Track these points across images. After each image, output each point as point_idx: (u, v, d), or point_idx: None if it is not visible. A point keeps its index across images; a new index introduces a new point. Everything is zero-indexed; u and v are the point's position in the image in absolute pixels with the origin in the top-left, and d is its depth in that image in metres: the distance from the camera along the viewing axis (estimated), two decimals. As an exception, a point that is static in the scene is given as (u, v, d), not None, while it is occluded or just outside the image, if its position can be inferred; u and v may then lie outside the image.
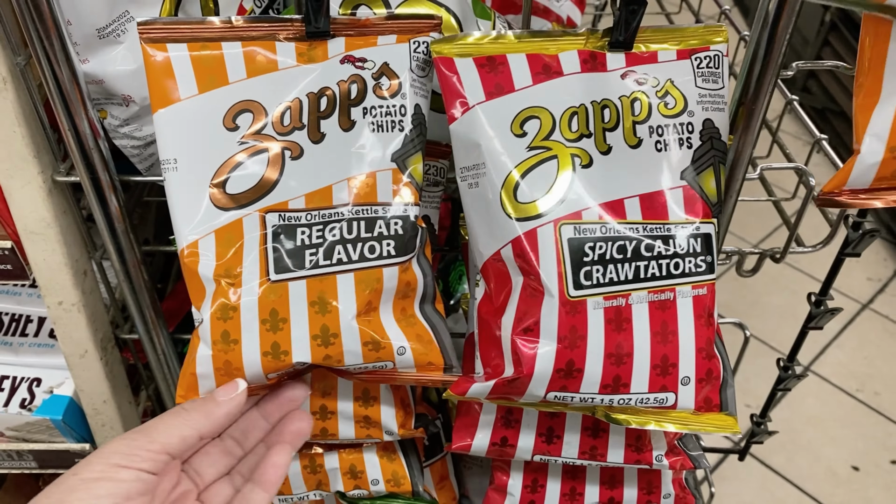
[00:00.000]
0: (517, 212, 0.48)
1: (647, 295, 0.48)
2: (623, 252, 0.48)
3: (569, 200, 0.48)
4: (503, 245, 0.49)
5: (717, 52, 0.51)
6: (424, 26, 0.52)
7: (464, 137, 0.49)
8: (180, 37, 0.50)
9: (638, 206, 0.49)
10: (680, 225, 0.49)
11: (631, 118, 0.50)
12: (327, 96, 0.51)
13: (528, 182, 0.48)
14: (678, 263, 0.49)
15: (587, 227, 0.48)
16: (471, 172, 0.50)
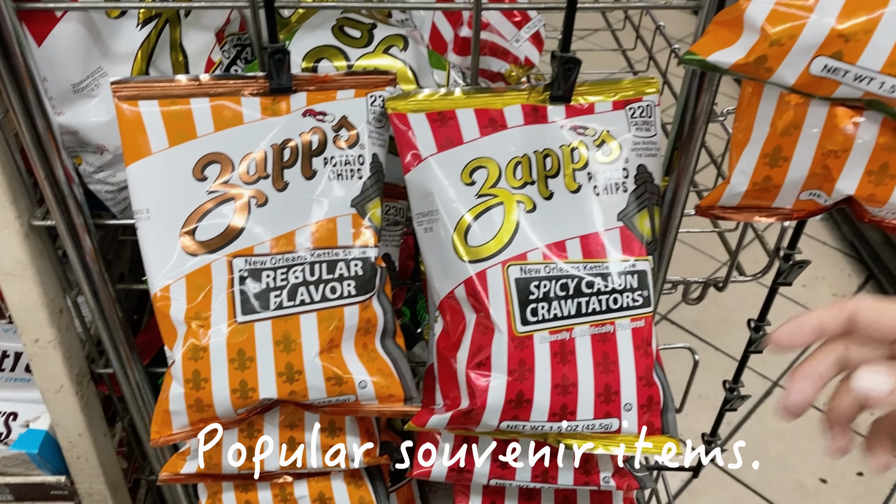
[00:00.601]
0: (468, 254, 0.52)
1: (589, 328, 0.52)
2: (566, 289, 0.52)
3: (515, 243, 0.52)
4: (457, 285, 0.53)
5: (650, 102, 0.56)
6: (380, 81, 0.56)
7: (418, 186, 0.53)
8: (151, 94, 0.54)
9: (579, 247, 0.53)
10: (617, 263, 0.53)
11: (571, 165, 0.54)
12: (290, 147, 0.55)
13: (477, 227, 0.52)
14: (616, 298, 0.53)
15: (532, 267, 0.52)
16: (425, 218, 0.54)
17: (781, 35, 0.41)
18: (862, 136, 0.47)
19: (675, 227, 0.63)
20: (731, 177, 0.51)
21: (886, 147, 0.47)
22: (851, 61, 0.41)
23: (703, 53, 0.44)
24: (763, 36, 0.41)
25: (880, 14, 0.40)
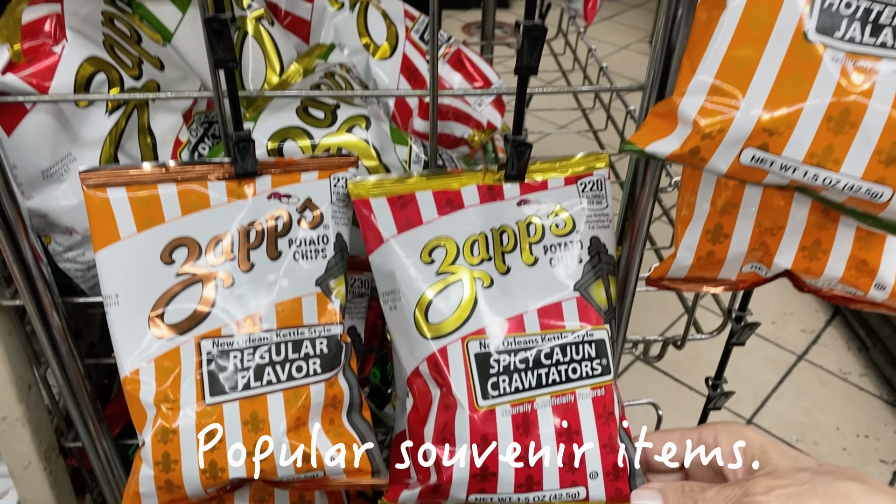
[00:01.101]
0: (430, 331, 0.54)
1: (550, 399, 0.54)
2: (525, 362, 0.54)
3: (473, 319, 0.54)
4: (420, 361, 0.54)
5: (600, 176, 0.59)
6: (343, 163, 0.59)
7: (381, 267, 0.55)
8: (119, 181, 0.55)
9: (536, 319, 0.55)
10: (574, 333, 0.56)
11: (527, 240, 0.56)
12: (256, 230, 0.56)
13: (438, 304, 0.54)
14: (575, 368, 0.55)
15: (491, 341, 0.54)
16: (389, 297, 0.56)
17: (712, 129, 0.44)
18: (794, 215, 0.50)
19: (631, 292, 0.66)
20: (677, 251, 0.54)
21: (817, 225, 0.50)
22: (777, 153, 0.44)
23: (642, 144, 0.47)
24: (695, 129, 0.45)
25: (800, 108, 0.43)
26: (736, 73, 0.44)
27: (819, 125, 0.43)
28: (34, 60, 0.56)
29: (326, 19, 0.90)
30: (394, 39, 0.92)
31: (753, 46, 0.43)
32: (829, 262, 0.51)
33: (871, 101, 0.42)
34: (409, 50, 0.93)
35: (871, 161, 0.43)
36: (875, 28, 0.43)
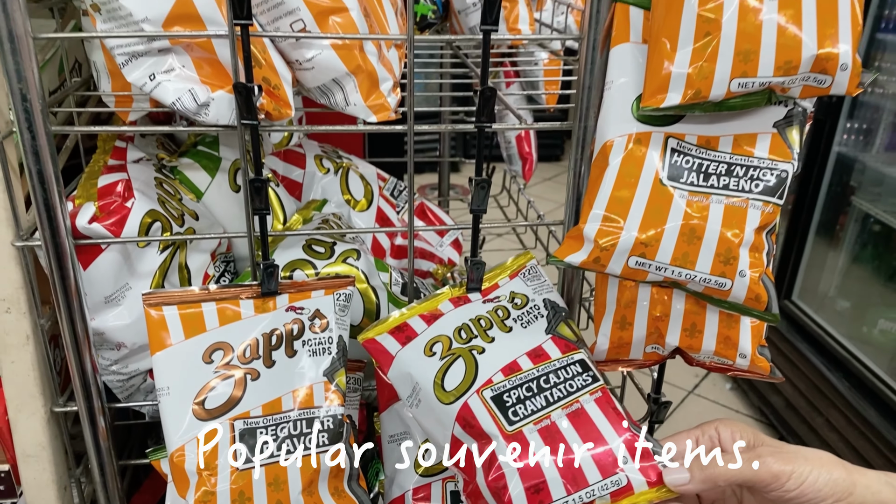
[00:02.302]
0: (449, 397, 0.68)
1: (562, 411, 0.66)
2: (531, 390, 0.67)
3: (479, 376, 0.67)
4: (453, 426, 0.67)
5: (531, 265, 0.78)
6: (343, 283, 0.77)
7: (399, 375, 0.71)
8: (172, 301, 0.72)
9: (528, 359, 0.69)
10: (560, 359, 0.69)
11: (499, 319, 0.74)
12: (276, 335, 0.73)
13: (448, 378, 0.69)
14: (571, 384, 0.68)
15: (499, 385, 0.67)
16: (412, 398, 0.70)
17: (606, 244, 0.64)
18: (675, 305, 0.69)
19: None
20: (596, 340, 0.73)
21: (692, 311, 0.69)
22: (652, 258, 0.64)
23: (562, 256, 0.67)
24: (596, 245, 0.65)
25: (662, 229, 0.64)
26: (618, 207, 0.65)
27: (677, 239, 0.64)
28: (112, 213, 0.75)
29: (315, 182, 1.12)
30: (370, 196, 1.14)
31: (628, 190, 0.65)
32: (704, 339, 0.70)
33: (707, 222, 0.63)
34: (383, 204, 1.15)
35: (714, 261, 0.63)
36: (706, 176, 0.65)
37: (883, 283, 2.30)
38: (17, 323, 0.76)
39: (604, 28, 0.70)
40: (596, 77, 0.72)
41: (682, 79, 0.60)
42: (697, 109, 0.63)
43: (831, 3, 0.59)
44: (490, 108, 0.69)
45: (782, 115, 0.65)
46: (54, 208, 0.70)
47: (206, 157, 0.92)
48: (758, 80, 0.60)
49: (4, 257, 0.74)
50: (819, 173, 2.40)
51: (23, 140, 0.66)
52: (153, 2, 0.65)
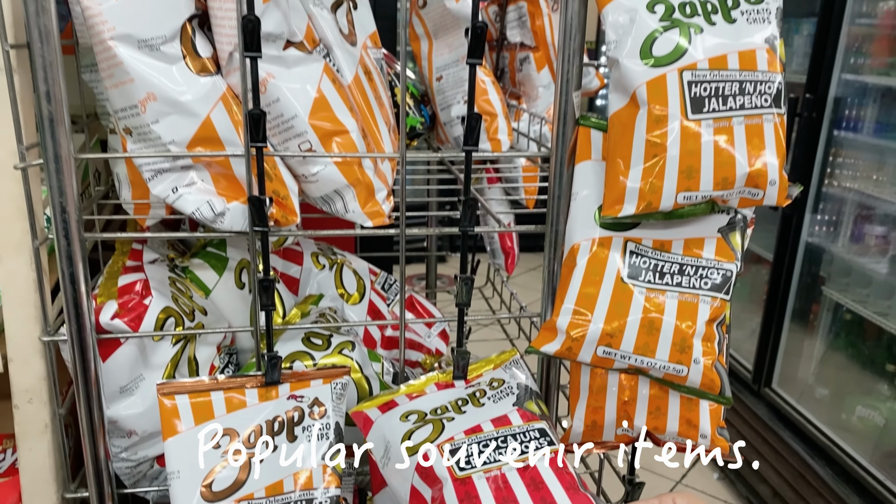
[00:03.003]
0: (411, 451, 0.73)
1: (513, 464, 0.70)
2: (487, 446, 0.72)
3: (444, 434, 0.74)
4: (412, 476, 0.72)
5: (514, 359, 0.86)
6: (340, 373, 0.84)
7: (375, 439, 0.78)
8: (184, 390, 0.79)
9: (490, 424, 0.75)
10: (522, 426, 0.74)
11: (475, 399, 0.81)
12: (279, 421, 0.80)
13: (416, 435, 0.75)
14: (527, 445, 0.72)
15: (458, 441, 0.73)
16: (384, 457, 0.77)
17: (576, 336, 0.73)
18: (640, 390, 0.77)
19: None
20: (572, 423, 0.80)
21: (656, 396, 0.77)
22: (617, 348, 0.72)
23: (538, 346, 0.75)
24: (567, 336, 0.73)
25: (625, 321, 0.72)
26: (586, 302, 0.73)
27: (638, 330, 0.72)
28: (131, 310, 0.82)
29: (311, 277, 1.20)
30: (362, 290, 1.22)
31: (594, 287, 0.73)
32: (668, 421, 0.77)
33: (664, 315, 0.72)
34: (374, 297, 1.23)
35: (672, 350, 0.72)
36: (660, 275, 0.74)
37: (858, 371, 2.38)
38: (37, 412, 0.82)
39: (569, 146, 0.81)
40: (564, 188, 0.82)
41: (636, 192, 0.71)
42: (650, 218, 0.73)
43: (758, 127, 0.70)
44: (472, 215, 0.79)
45: (725, 222, 0.75)
46: (82, 306, 0.77)
47: (215, 257, 1.00)
48: (700, 194, 0.70)
49: (31, 351, 0.81)
50: (790, 264, 2.52)
51: (59, 246, 0.75)
52: (179, 127, 0.76)
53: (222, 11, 0.75)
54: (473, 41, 0.75)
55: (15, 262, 0.79)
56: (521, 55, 1.62)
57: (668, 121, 0.69)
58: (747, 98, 0.70)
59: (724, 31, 0.72)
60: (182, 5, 0.74)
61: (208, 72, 0.76)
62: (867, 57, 2.34)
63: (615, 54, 0.72)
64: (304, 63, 0.80)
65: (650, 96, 0.70)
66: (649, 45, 0.71)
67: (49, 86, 0.70)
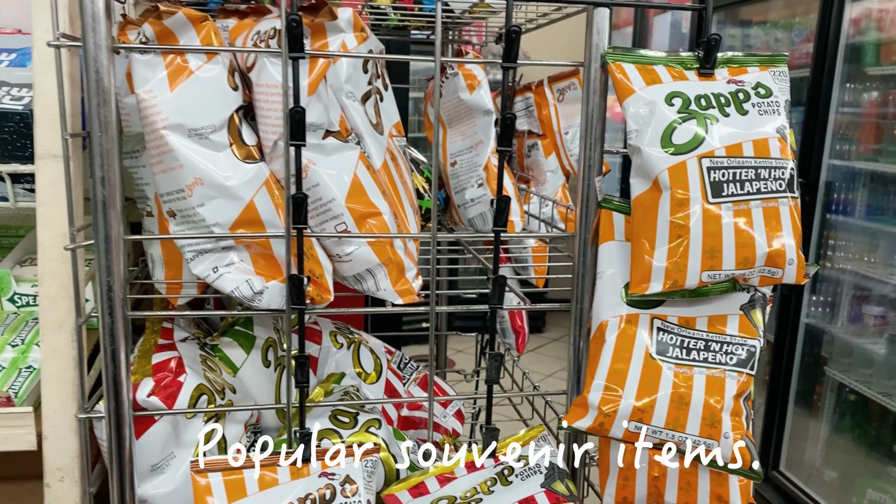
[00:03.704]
0: None
1: None
2: None
3: None
4: None
5: (543, 435, 0.86)
6: (370, 450, 0.85)
7: None
8: (216, 468, 0.80)
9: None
10: None
11: (503, 476, 0.81)
12: (311, 499, 0.80)
13: None
14: None
15: None
16: None
17: (608, 411, 0.75)
18: (670, 465, 0.78)
19: None
20: (602, 500, 0.81)
21: (686, 472, 0.78)
22: (648, 423, 0.74)
23: (570, 422, 0.77)
24: (599, 412, 0.75)
25: (655, 397, 0.74)
26: (617, 378, 0.76)
27: (668, 406, 0.74)
28: (167, 388, 0.84)
29: (330, 356, 1.22)
30: (379, 369, 1.23)
31: (624, 363, 0.76)
32: (699, 497, 0.78)
33: (693, 391, 0.74)
34: (391, 376, 1.25)
35: (702, 425, 0.73)
36: (687, 351, 0.77)
37: (866, 453, 2.37)
38: (69, 492, 0.83)
39: (592, 228, 0.85)
40: (588, 267, 0.86)
41: (662, 271, 0.74)
42: (676, 296, 0.76)
43: (774, 210, 0.74)
44: (502, 293, 0.82)
45: (746, 300, 0.79)
46: (121, 383, 0.79)
47: (243, 335, 1.02)
48: (723, 273, 0.74)
49: (66, 428, 0.82)
50: (791, 344, 2.54)
51: (103, 324, 0.77)
52: (224, 210, 0.79)
53: (269, 104, 0.80)
54: (503, 130, 0.80)
55: (57, 340, 0.81)
56: (530, 142, 1.69)
57: (690, 204, 0.74)
58: (762, 183, 0.75)
59: (737, 122, 0.77)
60: (231, 98, 0.79)
61: (253, 159, 0.80)
62: (854, 143, 2.44)
63: (637, 143, 0.77)
64: (341, 150, 0.85)
65: (672, 181, 0.74)
66: (669, 135, 0.76)
67: (105, 172, 0.74)
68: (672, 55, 0.81)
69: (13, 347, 0.93)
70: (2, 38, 1.00)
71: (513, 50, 0.78)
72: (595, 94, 0.83)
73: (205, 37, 0.78)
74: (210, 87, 0.78)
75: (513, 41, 0.77)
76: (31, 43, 0.78)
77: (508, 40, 0.77)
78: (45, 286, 0.81)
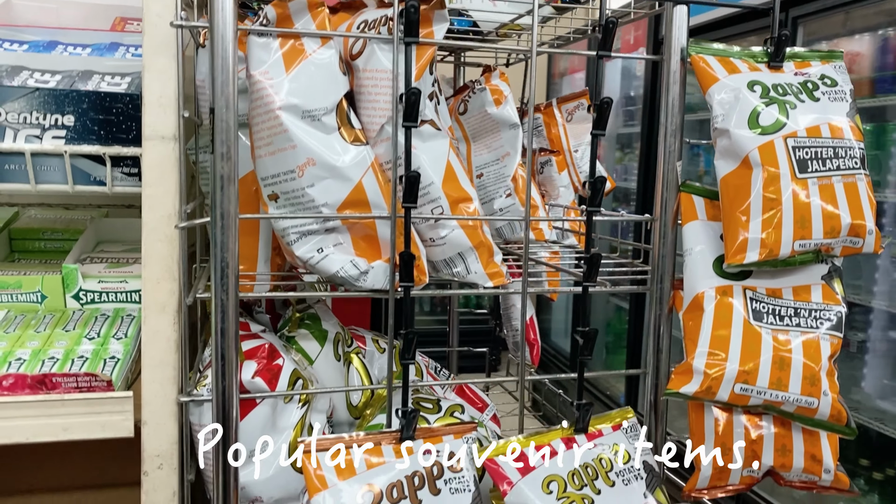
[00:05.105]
0: None
1: None
2: None
3: None
4: None
5: (633, 422, 0.89)
6: (469, 428, 0.86)
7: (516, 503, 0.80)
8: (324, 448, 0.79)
9: None
10: None
11: (603, 470, 0.84)
12: (418, 476, 0.81)
13: None
14: None
15: None
16: None
17: (715, 374, 0.79)
18: (766, 429, 0.82)
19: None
20: (700, 468, 0.84)
21: (781, 434, 0.82)
22: (753, 384, 0.78)
23: (676, 388, 0.80)
24: (705, 376, 0.79)
25: (758, 360, 0.79)
26: (720, 344, 0.80)
27: (771, 368, 0.79)
28: (269, 370, 0.84)
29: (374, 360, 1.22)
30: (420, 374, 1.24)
31: (725, 329, 0.80)
32: (794, 458, 0.82)
33: (792, 354, 0.79)
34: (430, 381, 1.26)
35: (804, 384, 0.78)
36: (780, 318, 0.82)
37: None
38: (167, 479, 0.81)
39: (673, 210, 0.90)
40: (668, 248, 0.91)
41: (758, 242, 0.79)
42: (768, 265, 0.81)
43: (853, 185, 0.81)
44: (596, 271, 0.86)
45: (826, 271, 0.85)
46: (230, 362, 0.78)
47: (317, 329, 1.03)
48: (813, 242, 0.79)
49: (166, 413, 0.80)
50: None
51: (216, 302, 0.77)
52: (333, 190, 0.81)
53: (377, 89, 0.83)
54: (599, 114, 0.85)
55: (159, 323, 0.80)
56: (543, 159, 1.76)
57: (781, 179, 0.80)
58: (841, 161, 0.82)
59: (812, 108, 0.84)
60: (341, 82, 0.82)
61: (360, 142, 0.83)
62: None
63: (724, 125, 0.83)
64: (435, 138, 0.88)
65: (763, 159, 0.80)
66: (755, 118, 0.82)
67: (227, 148, 0.75)
68: (744, 50, 0.88)
69: (90, 340, 0.90)
70: (74, 33, 1.00)
71: (608, 40, 0.83)
72: (675, 84, 0.89)
73: (320, 22, 0.80)
74: (323, 71, 0.80)
75: (609, 31, 0.83)
76: (142, 26, 0.79)
77: (605, 30, 0.83)
78: (149, 268, 0.80)
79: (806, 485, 0.85)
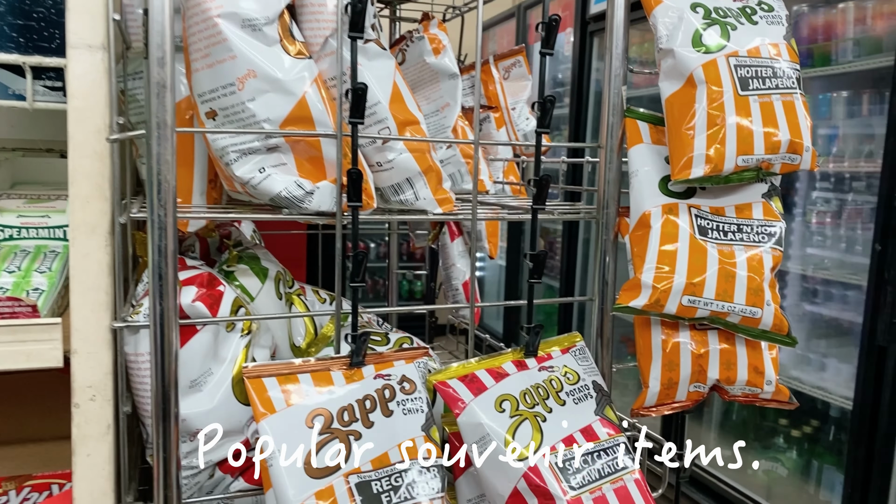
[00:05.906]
0: (520, 456, 0.75)
1: (610, 485, 0.75)
2: (586, 463, 0.76)
3: (545, 442, 0.77)
4: (517, 481, 0.74)
5: (580, 345, 0.90)
6: (419, 353, 0.85)
7: (469, 422, 0.78)
8: (270, 373, 0.76)
9: (582, 436, 0.79)
10: (609, 440, 0.79)
11: (554, 390, 0.84)
12: (370, 399, 0.78)
13: (517, 437, 0.77)
14: (616, 463, 0.78)
15: (561, 454, 0.76)
16: (480, 442, 0.77)
17: (663, 287, 0.79)
18: (711, 343, 0.84)
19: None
20: (647, 385, 0.85)
21: (725, 350, 0.84)
22: (699, 296, 0.79)
23: (624, 302, 0.81)
24: (654, 289, 0.80)
25: (704, 274, 0.80)
26: (667, 259, 0.81)
27: (717, 280, 0.80)
28: (211, 295, 0.80)
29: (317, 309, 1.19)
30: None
31: (671, 244, 0.81)
32: (738, 371, 0.84)
33: (737, 268, 0.81)
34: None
35: (748, 294, 0.80)
36: (724, 233, 0.83)
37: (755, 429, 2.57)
38: (101, 411, 0.76)
39: (618, 136, 0.91)
40: (614, 174, 0.91)
41: (703, 158, 0.81)
42: (711, 182, 0.83)
43: (791, 104, 0.83)
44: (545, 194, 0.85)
45: (766, 189, 0.87)
46: (168, 282, 0.74)
47: (256, 265, 0.99)
48: (755, 157, 0.81)
49: (98, 341, 0.75)
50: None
51: (152, 218, 0.72)
52: (275, 105, 0.78)
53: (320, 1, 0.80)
54: (542, 113, 0.85)
55: (89, 245, 0.75)
56: (481, 115, 1.75)
57: (724, 95, 0.81)
58: (779, 80, 0.84)
59: (751, 30, 0.86)
60: (282, -8, 0.78)
61: (303, 55, 0.80)
62: None
63: (669, 45, 0.84)
64: (381, 57, 0.86)
65: (707, 77, 0.82)
66: (699, 37, 0.83)
67: (162, 53, 0.70)
68: (685, -25, 0.89)
69: (10, 274, 0.84)
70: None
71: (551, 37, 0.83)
72: (621, 7, 0.89)
73: (259, -74, 0.77)
74: (264, -22, 0.77)
75: (552, 29, 0.83)
76: (65, -76, 0.74)
77: (549, 28, 0.83)
78: (77, 186, 0.75)
79: (749, 398, 0.87)
